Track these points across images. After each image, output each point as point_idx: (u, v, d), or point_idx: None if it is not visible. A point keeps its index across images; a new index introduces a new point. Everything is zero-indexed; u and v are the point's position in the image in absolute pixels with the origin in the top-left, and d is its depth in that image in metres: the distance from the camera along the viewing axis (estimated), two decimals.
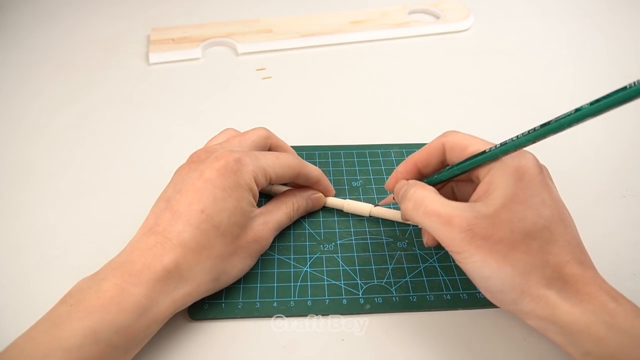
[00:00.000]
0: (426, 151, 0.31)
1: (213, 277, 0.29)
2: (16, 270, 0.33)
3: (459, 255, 0.25)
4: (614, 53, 0.55)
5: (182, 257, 0.27)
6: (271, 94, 0.49)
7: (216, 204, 0.28)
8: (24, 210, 0.37)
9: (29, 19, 0.62)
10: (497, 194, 0.25)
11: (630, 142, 0.43)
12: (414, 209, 0.27)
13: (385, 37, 0.57)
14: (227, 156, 0.29)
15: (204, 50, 0.55)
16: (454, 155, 0.29)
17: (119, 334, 0.24)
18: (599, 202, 0.37)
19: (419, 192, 0.28)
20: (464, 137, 0.29)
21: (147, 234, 0.28)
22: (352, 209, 0.36)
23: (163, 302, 0.26)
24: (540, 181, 0.26)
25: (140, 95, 0.49)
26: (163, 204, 0.29)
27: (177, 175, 0.31)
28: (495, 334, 0.29)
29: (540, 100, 0.48)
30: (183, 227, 0.27)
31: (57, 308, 0.25)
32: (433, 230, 0.26)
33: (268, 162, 0.31)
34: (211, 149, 0.32)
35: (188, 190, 0.28)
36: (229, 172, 0.28)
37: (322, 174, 0.35)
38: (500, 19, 0.61)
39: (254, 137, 0.33)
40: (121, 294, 0.25)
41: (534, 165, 0.26)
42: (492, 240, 0.24)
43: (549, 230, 0.25)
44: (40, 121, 0.46)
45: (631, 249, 0.34)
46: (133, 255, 0.27)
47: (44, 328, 0.24)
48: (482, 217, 0.25)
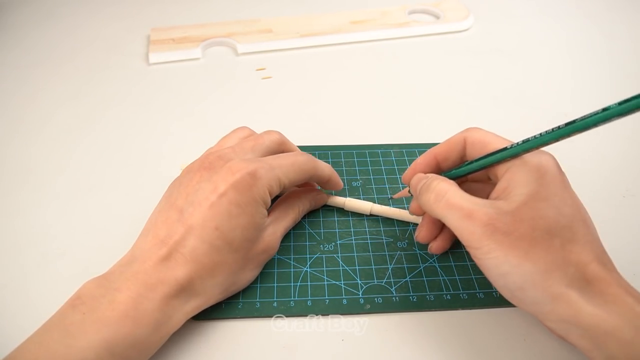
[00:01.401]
0: (447, 145, 0.31)
1: (223, 290, 0.29)
2: (16, 270, 0.33)
3: (478, 251, 0.25)
4: (614, 53, 0.55)
5: (195, 273, 0.27)
6: (271, 94, 0.49)
7: (230, 221, 0.28)
8: (24, 210, 0.37)
9: (29, 19, 0.62)
10: (518, 191, 0.25)
11: (630, 142, 0.43)
12: (435, 201, 0.27)
13: (385, 37, 0.57)
14: (243, 169, 0.28)
15: (204, 50, 0.55)
16: (475, 152, 0.29)
17: (134, 348, 0.24)
18: (599, 202, 0.37)
19: (442, 184, 0.27)
20: (486, 134, 0.29)
21: (160, 246, 0.27)
22: (353, 207, 0.36)
23: (176, 317, 0.27)
24: (561, 181, 0.26)
25: (140, 95, 0.49)
26: (175, 214, 0.28)
27: (188, 180, 0.30)
28: (495, 334, 0.29)
29: (541, 100, 0.48)
30: (197, 244, 0.27)
31: (68, 314, 0.25)
32: (453, 224, 0.26)
33: (283, 170, 0.30)
34: (225, 155, 0.30)
35: (202, 204, 0.28)
36: (243, 187, 0.28)
37: (333, 171, 0.35)
38: (500, 19, 0.61)
39: (268, 142, 0.32)
40: (136, 307, 0.25)
41: (555, 164, 0.26)
42: (513, 236, 0.24)
43: (570, 229, 0.24)
44: (40, 121, 0.46)
45: (631, 249, 0.34)
46: (146, 266, 0.26)
47: (58, 337, 0.23)
48: (503, 214, 0.25)
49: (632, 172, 0.40)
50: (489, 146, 0.28)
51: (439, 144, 0.31)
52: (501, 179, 0.27)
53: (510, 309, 0.30)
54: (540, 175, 0.25)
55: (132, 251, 0.28)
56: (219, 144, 0.33)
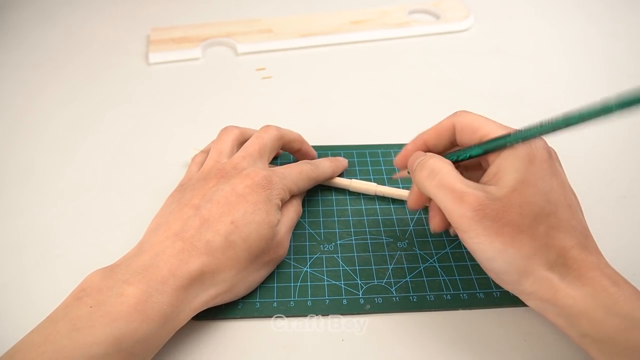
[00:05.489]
0: (436, 130, 0.31)
1: (231, 286, 0.29)
2: (16, 270, 0.33)
3: (466, 234, 0.25)
4: (614, 53, 0.55)
5: (206, 265, 0.27)
6: (271, 93, 0.49)
7: (245, 217, 0.29)
8: (24, 209, 0.37)
9: (29, 19, 0.62)
10: (508, 177, 0.26)
11: (630, 142, 0.43)
12: (428, 178, 0.27)
13: (385, 37, 0.57)
14: (259, 174, 0.30)
15: (204, 50, 0.55)
16: (465, 137, 0.29)
17: (141, 343, 0.24)
18: (599, 202, 0.37)
19: (437, 162, 0.28)
20: (475, 118, 0.29)
21: (173, 239, 0.27)
22: (358, 188, 0.37)
23: (184, 310, 0.27)
24: (549, 166, 0.26)
25: (140, 95, 0.49)
26: (190, 210, 0.29)
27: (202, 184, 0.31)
28: (496, 334, 0.29)
29: (541, 100, 0.48)
30: (212, 236, 0.28)
31: (74, 307, 0.24)
32: (443, 204, 0.26)
33: (293, 179, 0.33)
34: (238, 164, 0.32)
35: (220, 201, 0.29)
36: (259, 189, 0.30)
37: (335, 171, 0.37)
38: (500, 19, 0.61)
39: (269, 142, 0.34)
40: (146, 301, 0.25)
41: (544, 149, 0.26)
42: (500, 223, 0.25)
43: (555, 215, 0.25)
44: (39, 121, 0.46)
45: (631, 249, 0.34)
46: (158, 259, 0.26)
47: (64, 331, 0.23)
48: (493, 199, 0.25)
49: (632, 172, 0.40)
50: (480, 130, 0.28)
51: (428, 129, 0.31)
52: (492, 165, 0.27)
53: (510, 309, 0.30)
54: (530, 161, 0.26)
55: (140, 245, 0.28)
56: (216, 152, 0.34)
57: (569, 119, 0.24)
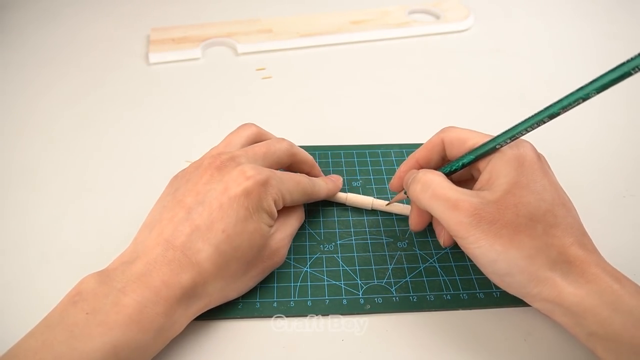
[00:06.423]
0: (427, 148, 0.31)
1: (223, 295, 0.29)
2: (16, 269, 0.33)
3: (465, 240, 0.26)
4: (614, 53, 0.55)
5: (199, 276, 0.27)
6: (271, 93, 0.49)
7: (237, 226, 0.27)
8: (24, 209, 0.37)
9: (30, 20, 0.62)
10: (500, 181, 0.26)
11: (630, 142, 0.43)
12: (421, 191, 0.28)
13: (385, 37, 0.57)
14: (255, 176, 0.28)
15: (204, 50, 0.55)
16: (454, 150, 0.30)
17: (137, 352, 0.24)
18: (599, 202, 0.37)
19: (429, 175, 0.28)
20: (462, 131, 0.30)
21: (165, 247, 0.27)
22: (355, 202, 0.36)
23: (179, 321, 0.27)
24: (539, 167, 0.27)
25: (140, 96, 0.49)
26: (182, 212, 0.28)
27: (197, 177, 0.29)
28: (495, 334, 0.29)
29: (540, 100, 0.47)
30: (202, 246, 0.27)
31: (70, 312, 0.24)
32: (439, 214, 0.27)
33: (289, 188, 0.31)
34: (236, 157, 0.30)
35: (212, 205, 0.28)
36: (254, 194, 0.28)
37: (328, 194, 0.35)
38: (500, 19, 0.61)
39: (279, 152, 0.32)
40: (142, 311, 0.24)
41: (533, 152, 0.27)
42: (498, 225, 0.25)
43: (552, 213, 0.25)
44: (39, 121, 0.46)
45: (631, 249, 0.34)
46: (151, 268, 0.26)
47: (61, 337, 0.23)
48: (487, 203, 0.25)
49: (632, 172, 0.40)
50: (469, 141, 0.29)
51: (419, 148, 0.32)
52: (483, 172, 0.28)
53: (510, 309, 0.30)
54: (520, 164, 0.26)
55: (134, 246, 0.28)
56: (226, 142, 0.33)
57: (550, 108, 0.25)
